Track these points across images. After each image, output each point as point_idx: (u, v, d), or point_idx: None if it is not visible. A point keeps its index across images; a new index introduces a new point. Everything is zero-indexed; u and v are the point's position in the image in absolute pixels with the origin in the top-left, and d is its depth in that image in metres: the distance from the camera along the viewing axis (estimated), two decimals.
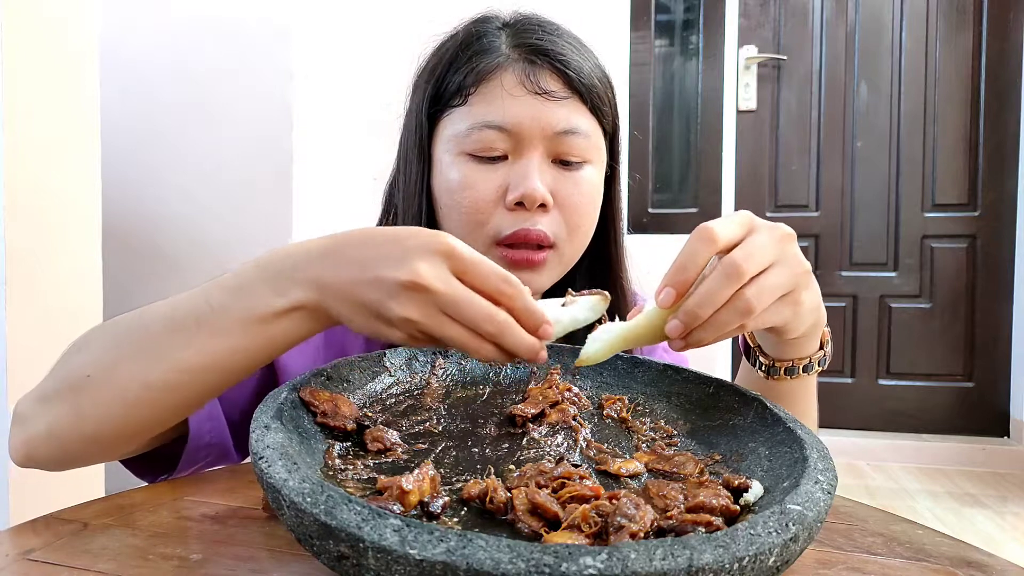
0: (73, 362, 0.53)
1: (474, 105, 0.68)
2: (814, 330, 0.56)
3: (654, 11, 2.91)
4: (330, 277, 0.47)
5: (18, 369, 1.05)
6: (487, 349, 0.44)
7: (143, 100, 1.90)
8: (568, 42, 0.70)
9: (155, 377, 0.50)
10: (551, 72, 0.67)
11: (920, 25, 2.76)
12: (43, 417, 0.52)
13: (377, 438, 0.45)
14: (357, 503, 0.30)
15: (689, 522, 0.35)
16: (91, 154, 1.23)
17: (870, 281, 2.84)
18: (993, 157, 2.72)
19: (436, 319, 0.44)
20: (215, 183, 1.87)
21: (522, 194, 0.65)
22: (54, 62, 1.14)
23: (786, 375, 0.58)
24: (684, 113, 2.96)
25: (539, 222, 0.66)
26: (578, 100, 0.68)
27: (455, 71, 0.69)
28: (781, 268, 0.46)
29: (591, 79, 0.69)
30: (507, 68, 0.67)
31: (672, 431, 0.51)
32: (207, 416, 0.61)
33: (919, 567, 0.42)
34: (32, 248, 1.09)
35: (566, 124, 0.67)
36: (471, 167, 0.67)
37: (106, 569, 0.39)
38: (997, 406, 2.75)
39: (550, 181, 0.67)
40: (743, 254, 0.45)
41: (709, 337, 0.46)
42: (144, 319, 0.52)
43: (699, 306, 0.44)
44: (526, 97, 0.66)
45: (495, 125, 0.66)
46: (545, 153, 0.67)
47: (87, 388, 0.51)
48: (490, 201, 0.67)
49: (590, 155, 0.69)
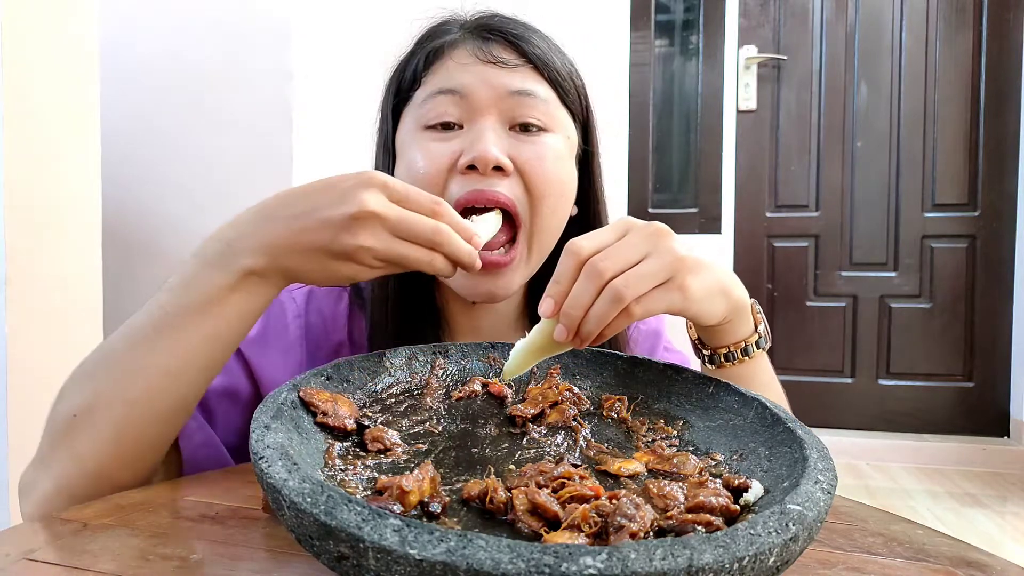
0: (57, 413, 0.54)
1: (428, 82, 0.68)
2: (737, 313, 0.58)
3: (654, 11, 2.91)
4: (273, 236, 0.51)
5: (18, 369, 1.05)
6: (439, 260, 0.51)
7: (143, 100, 1.90)
8: (526, 26, 0.70)
9: (134, 393, 0.51)
10: (504, 44, 0.67)
11: (920, 25, 2.76)
12: (46, 477, 0.53)
13: (377, 438, 0.45)
14: (357, 503, 0.30)
15: (689, 522, 0.35)
16: (91, 154, 1.23)
17: (870, 281, 2.84)
18: (993, 157, 2.72)
19: (389, 242, 0.50)
20: (215, 183, 1.87)
21: (474, 157, 0.63)
22: (54, 62, 1.14)
23: (727, 361, 0.61)
24: (684, 113, 2.96)
25: (495, 185, 0.64)
26: (533, 69, 0.67)
27: (411, 61, 0.70)
28: (653, 259, 0.49)
29: (548, 54, 0.68)
30: (458, 45, 0.68)
31: (672, 431, 0.51)
32: (201, 444, 0.63)
33: (919, 567, 0.42)
34: (32, 248, 1.09)
35: (520, 85, 0.66)
36: (427, 140, 0.67)
37: (106, 569, 0.39)
38: (997, 406, 2.75)
39: (507, 146, 0.65)
40: (601, 255, 0.49)
41: (595, 329, 0.49)
42: (107, 347, 0.54)
43: (571, 307, 0.48)
44: (477, 65, 0.66)
45: (447, 90, 0.66)
46: (500, 119, 0.66)
47: (76, 428, 0.52)
48: (445, 169, 0.65)
49: (550, 123, 0.67)
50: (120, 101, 1.85)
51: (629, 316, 0.49)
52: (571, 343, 0.50)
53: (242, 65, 1.85)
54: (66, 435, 0.53)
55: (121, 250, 1.77)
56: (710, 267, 0.54)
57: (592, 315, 0.48)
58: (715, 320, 0.57)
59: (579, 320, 0.48)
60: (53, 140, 1.14)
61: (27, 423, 1.06)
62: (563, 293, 0.49)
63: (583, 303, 0.48)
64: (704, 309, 0.54)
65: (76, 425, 0.52)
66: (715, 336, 0.60)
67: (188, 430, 0.62)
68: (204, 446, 0.63)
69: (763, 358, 0.63)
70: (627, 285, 0.48)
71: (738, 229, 2.91)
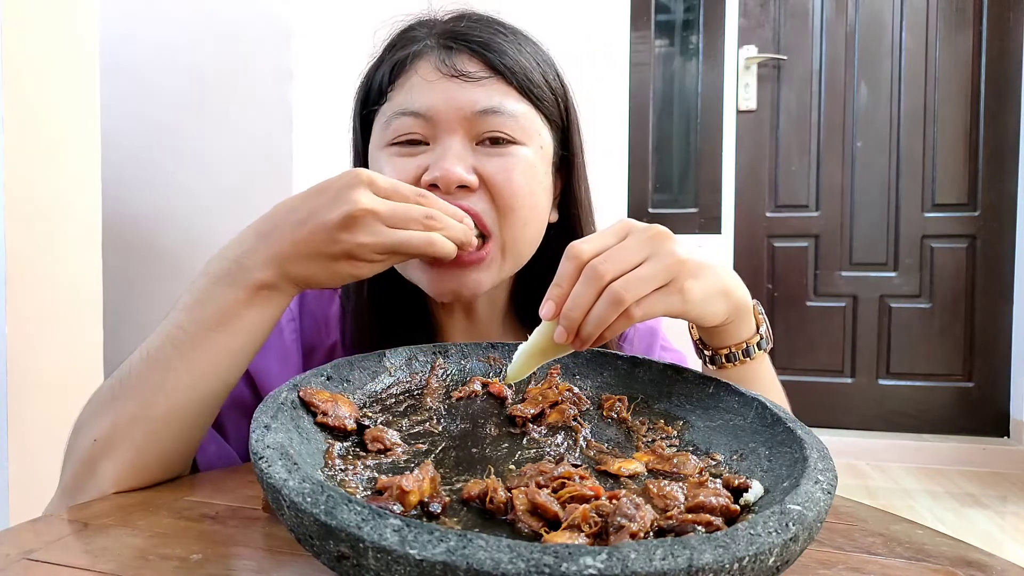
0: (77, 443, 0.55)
1: (393, 98, 0.66)
2: (739, 314, 0.58)
3: (654, 11, 2.91)
4: (278, 247, 0.52)
5: (18, 369, 1.05)
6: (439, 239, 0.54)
7: (143, 100, 1.90)
8: (496, 29, 0.67)
9: (156, 412, 0.52)
10: (469, 55, 0.64)
11: (920, 25, 2.76)
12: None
13: (377, 438, 0.45)
14: (357, 503, 0.30)
15: (689, 522, 0.35)
16: (91, 154, 1.23)
17: (870, 281, 2.84)
18: (993, 157, 2.72)
19: (386, 233, 0.52)
20: (215, 183, 1.87)
21: (435, 176, 0.62)
22: (54, 62, 1.14)
23: (729, 362, 0.61)
24: (684, 113, 2.96)
25: (462, 200, 0.63)
26: (501, 81, 0.64)
27: (379, 72, 0.68)
28: (653, 262, 0.49)
29: (516, 60, 0.65)
30: (423, 56, 0.65)
31: (672, 431, 0.51)
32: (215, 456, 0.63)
33: (919, 567, 0.42)
34: (32, 248, 1.09)
35: (486, 103, 0.63)
36: (393, 158, 0.65)
37: (106, 569, 0.39)
38: (997, 406, 2.75)
39: (473, 161, 0.64)
40: (601, 258, 0.49)
41: (595, 331, 0.49)
42: (123, 371, 0.55)
43: (571, 309, 0.49)
44: (440, 81, 0.64)
45: (410, 111, 0.64)
46: (466, 136, 0.64)
47: (98, 453, 0.53)
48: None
49: (520, 136, 0.65)
50: (120, 101, 1.85)
51: (629, 318, 0.49)
52: (572, 345, 0.50)
53: (242, 65, 1.85)
54: (88, 462, 0.53)
55: (121, 250, 1.77)
56: (711, 269, 0.54)
57: (592, 317, 0.48)
58: (716, 322, 0.56)
59: (579, 322, 0.48)
60: (53, 140, 1.14)
61: (27, 423, 1.06)
62: (563, 296, 0.49)
63: (583, 305, 0.48)
64: (704, 311, 0.54)
65: (98, 450, 0.53)
66: (716, 337, 0.60)
67: (203, 443, 0.63)
68: (219, 458, 0.64)
69: (764, 359, 0.63)
70: (627, 288, 0.48)
71: (738, 229, 2.90)
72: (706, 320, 0.55)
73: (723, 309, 0.56)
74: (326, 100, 2.02)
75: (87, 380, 1.17)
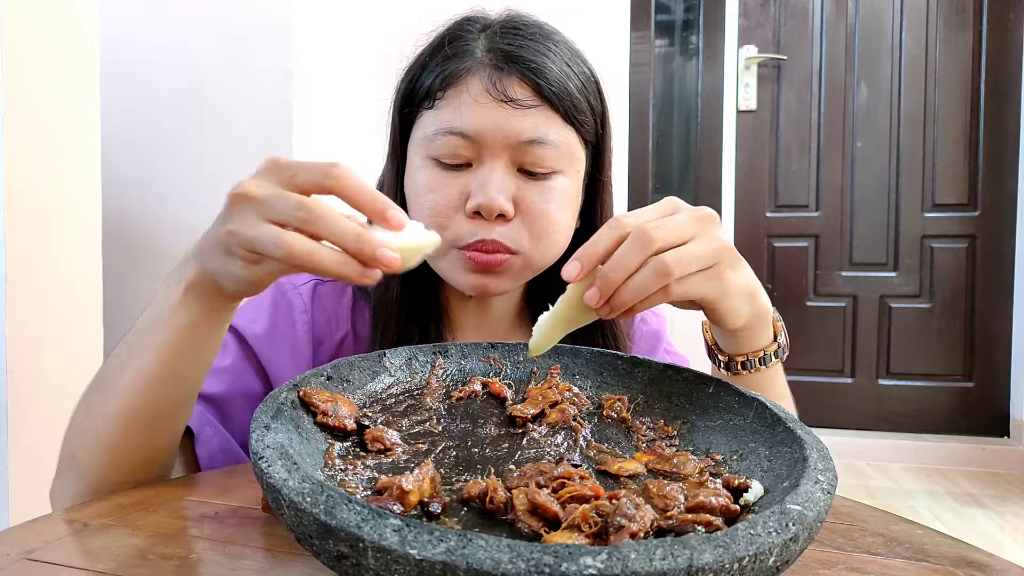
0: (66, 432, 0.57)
1: (441, 110, 0.66)
2: (759, 320, 0.57)
3: (654, 11, 2.91)
4: (202, 243, 0.48)
5: (18, 369, 1.05)
6: (324, 253, 0.41)
7: (143, 100, 1.90)
8: (547, 46, 0.67)
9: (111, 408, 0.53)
10: (520, 79, 0.65)
11: (920, 25, 2.76)
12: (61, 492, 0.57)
13: (377, 438, 0.45)
14: (357, 503, 0.30)
15: (689, 522, 0.35)
16: (91, 154, 1.23)
17: (870, 281, 2.83)
18: (993, 157, 2.72)
19: (256, 227, 0.42)
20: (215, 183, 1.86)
21: (479, 204, 0.64)
22: (54, 62, 1.14)
23: (744, 369, 0.60)
24: (684, 113, 2.96)
25: (497, 232, 0.65)
26: (548, 108, 0.65)
27: (427, 72, 0.68)
28: (700, 241, 0.48)
29: (564, 87, 0.66)
30: (474, 73, 0.66)
31: (672, 431, 0.51)
32: (218, 451, 0.64)
33: (919, 567, 0.42)
34: (32, 248, 1.09)
35: (532, 133, 0.65)
36: (435, 172, 0.66)
37: (106, 569, 0.39)
38: (997, 406, 2.75)
39: (513, 190, 0.65)
40: (653, 224, 0.47)
41: (631, 300, 0.47)
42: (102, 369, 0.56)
43: (612, 270, 0.46)
44: (491, 104, 0.64)
45: (458, 132, 0.65)
46: (510, 162, 0.66)
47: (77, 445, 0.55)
48: (451, 207, 0.66)
49: (560, 165, 0.67)
50: (120, 101, 1.85)
51: (667, 294, 0.47)
52: (599, 311, 0.48)
53: (242, 65, 1.85)
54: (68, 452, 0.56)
55: (121, 250, 1.77)
56: (746, 266, 0.53)
57: (632, 284, 0.46)
58: (739, 323, 0.55)
59: (617, 285, 0.46)
60: (53, 140, 1.14)
61: (27, 423, 1.06)
62: (596, 257, 0.47)
63: (627, 267, 0.46)
64: (734, 306, 0.53)
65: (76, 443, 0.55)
66: (734, 342, 0.59)
67: (204, 436, 0.63)
68: (221, 452, 0.64)
69: (778, 368, 0.62)
70: (677, 260, 0.46)
71: (738, 229, 2.90)
72: (730, 318, 0.54)
73: (748, 310, 0.55)
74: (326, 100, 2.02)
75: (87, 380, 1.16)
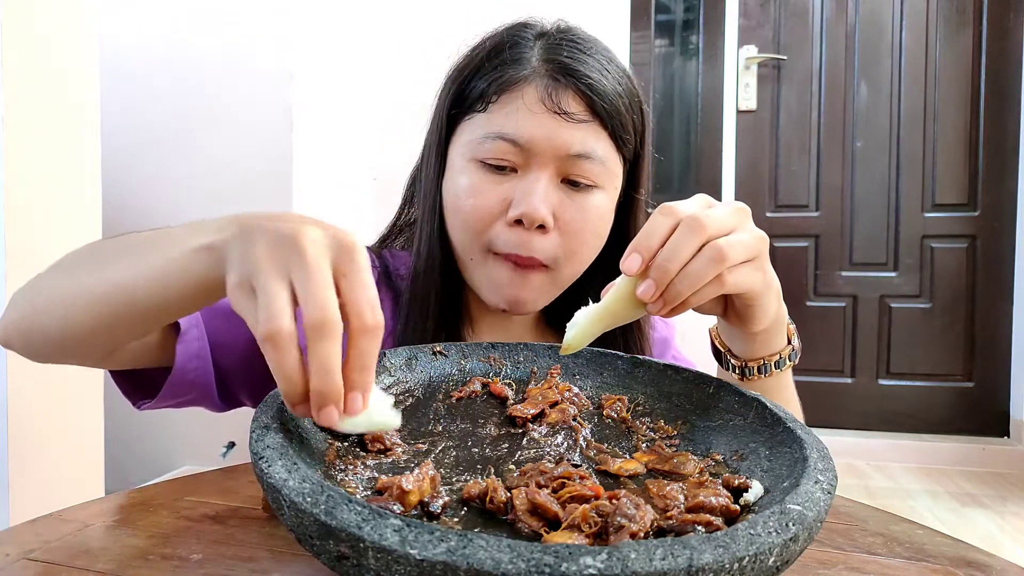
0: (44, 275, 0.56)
1: (493, 114, 0.67)
2: (777, 323, 0.58)
3: (654, 11, 2.91)
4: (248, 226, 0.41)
5: (18, 368, 1.05)
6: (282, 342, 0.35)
7: (143, 100, 1.90)
8: (602, 63, 0.68)
9: (89, 282, 0.50)
10: (574, 93, 0.66)
11: (920, 25, 2.76)
12: (13, 311, 0.57)
13: (377, 438, 0.45)
14: (357, 503, 0.30)
15: (689, 522, 0.35)
16: (91, 154, 1.23)
17: (870, 281, 2.83)
18: (993, 157, 2.72)
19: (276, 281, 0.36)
20: (215, 183, 1.87)
21: (522, 212, 0.64)
22: (54, 62, 1.14)
23: (759, 374, 0.60)
24: (684, 113, 2.96)
25: (535, 244, 0.66)
26: (598, 125, 0.66)
27: (480, 77, 0.68)
28: (743, 232, 0.49)
29: (615, 104, 0.67)
30: (531, 82, 0.66)
31: (672, 431, 0.51)
32: (195, 354, 0.62)
33: (919, 567, 0.42)
34: (32, 248, 1.09)
35: (581, 147, 0.65)
36: (480, 175, 0.67)
37: (106, 569, 0.39)
38: (997, 406, 2.75)
39: (555, 202, 0.66)
40: (704, 213, 0.47)
41: (686, 291, 0.46)
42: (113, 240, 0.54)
43: (667, 260, 0.46)
44: (545, 115, 0.65)
45: (509, 138, 0.65)
46: (555, 172, 0.66)
47: (44, 287, 0.55)
48: (492, 212, 0.66)
49: (602, 181, 0.68)
50: (120, 101, 1.85)
51: (721, 285, 0.47)
52: (652, 306, 0.47)
53: (242, 65, 1.85)
54: (31, 293, 0.56)
55: None
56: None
57: (688, 272, 0.46)
58: (766, 322, 0.55)
59: (673, 275, 0.45)
60: (53, 140, 1.14)
61: (27, 423, 1.06)
62: (653, 249, 0.46)
63: (682, 257, 0.45)
64: (767, 302, 0.53)
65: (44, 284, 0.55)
66: (752, 346, 0.59)
67: (189, 337, 0.61)
68: (197, 357, 0.62)
69: (788, 373, 0.63)
70: (730, 246, 0.46)
71: None
72: (760, 316, 0.54)
73: (775, 309, 0.55)
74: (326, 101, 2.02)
75: (87, 379, 1.17)
